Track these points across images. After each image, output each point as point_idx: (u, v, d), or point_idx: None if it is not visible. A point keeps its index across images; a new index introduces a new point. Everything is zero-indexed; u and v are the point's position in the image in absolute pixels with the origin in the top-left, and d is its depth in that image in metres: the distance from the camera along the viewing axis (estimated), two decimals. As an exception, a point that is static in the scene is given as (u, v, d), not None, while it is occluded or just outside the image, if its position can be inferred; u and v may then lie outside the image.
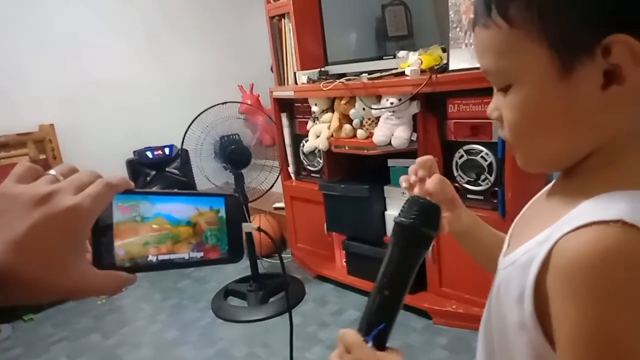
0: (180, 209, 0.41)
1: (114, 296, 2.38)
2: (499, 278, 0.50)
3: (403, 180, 0.65)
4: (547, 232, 0.41)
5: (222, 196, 0.43)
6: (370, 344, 0.48)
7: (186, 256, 0.41)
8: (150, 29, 3.13)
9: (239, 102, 2.20)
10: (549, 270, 0.39)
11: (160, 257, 0.40)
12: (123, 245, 0.39)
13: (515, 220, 0.57)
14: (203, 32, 3.35)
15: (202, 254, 0.42)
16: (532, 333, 0.42)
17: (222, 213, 0.42)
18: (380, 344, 0.48)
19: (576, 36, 0.38)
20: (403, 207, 0.51)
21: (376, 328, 0.49)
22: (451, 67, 1.69)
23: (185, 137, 2.09)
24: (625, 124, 0.41)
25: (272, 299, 2.24)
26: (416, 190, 0.63)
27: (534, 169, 0.49)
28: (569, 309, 0.37)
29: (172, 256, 0.41)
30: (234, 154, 2.17)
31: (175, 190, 0.42)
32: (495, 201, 1.70)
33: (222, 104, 2.13)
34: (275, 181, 2.31)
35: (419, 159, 0.64)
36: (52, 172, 0.37)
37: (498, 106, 0.47)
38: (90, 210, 0.35)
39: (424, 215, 0.50)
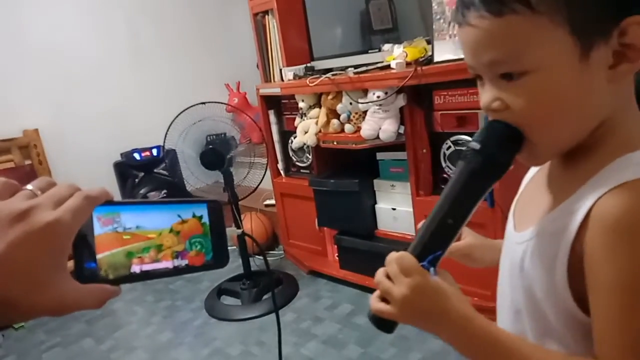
0: (162, 217, 0.40)
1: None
2: (517, 252, 0.52)
3: None
4: (569, 202, 0.45)
5: (204, 202, 0.42)
6: (432, 271, 0.48)
7: (170, 265, 0.41)
8: (132, 28, 3.09)
9: (218, 102, 2.17)
10: (589, 230, 0.42)
11: (144, 267, 0.40)
12: (105, 258, 0.39)
13: (517, 199, 0.60)
14: (187, 31, 3.31)
15: (186, 261, 0.41)
16: (561, 296, 0.46)
17: (205, 219, 0.42)
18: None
19: (597, 20, 0.41)
20: (479, 132, 0.49)
21: (433, 254, 0.48)
22: (436, 59, 1.69)
23: (170, 138, 2.08)
24: (625, 95, 0.46)
25: (265, 296, 2.24)
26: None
27: (548, 159, 0.52)
28: (612, 259, 0.41)
29: (156, 265, 0.40)
30: (205, 156, 2.14)
31: (156, 199, 0.41)
32: (483, 191, 1.71)
33: (202, 103, 2.11)
34: (262, 178, 2.29)
35: None
36: (29, 187, 0.36)
37: (498, 95, 0.46)
38: (71, 224, 0.35)
39: (501, 141, 0.47)
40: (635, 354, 0.41)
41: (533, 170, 0.60)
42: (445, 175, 1.78)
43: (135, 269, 0.40)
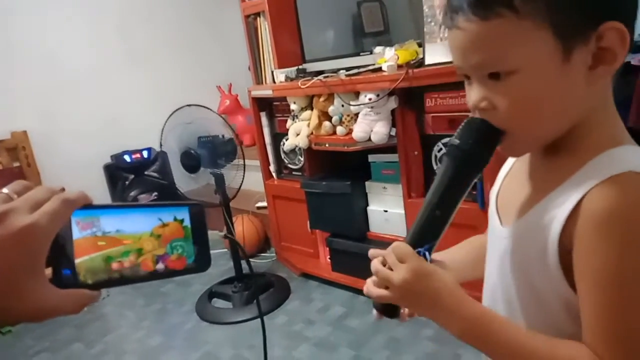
0: (142, 221, 0.40)
1: (95, 304, 2.31)
2: (507, 246, 0.54)
3: None
4: (555, 195, 0.48)
5: (185, 205, 0.42)
6: (427, 257, 0.52)
7: (151, 269, 0.40)
8: (124, 30, 3.07)
9: (200, 106, 2.15)
10: (580, 222, 0.44)
11: (124, 272, 0.39)
12: (84, 262, 0.38)
13: (497, 194, 0.62)
14: (178, 33, 3.29)
15: (167, 265, 0.41)
16: (557, 283, 0.48)
17: (187, 222, 0.42)
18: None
19: (578, 24, 0.44)
20: (459, 128, 0.52)
21: (428, 243, 0.52)
22: (427, 62, 1.70)
23: (162, 140, 2.06)
24: (602, 95, 0.49)
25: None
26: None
27: (528, 152, 0.55)
28: (597, 250, 0.43)
29: (136, 270, 0.40)
30: (184, 158, 2.12)
31: (137, 203, 0.41)
32: (474, 192, 1.72)
33: (188, 106, 2.10)
34: (243, 180, 2.26)
35: None
36: (4, 190, 0.35)
37: (486, 95, 0.48)
38: (47, 228, 0.34)
39: (480, 138, 0.50)
40: (620, 345, 0.43)
41: (509, 164, 0.63)
42: (436, 178, 1.79)
43: (115, 273, 0.39)
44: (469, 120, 0.51)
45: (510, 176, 0.61)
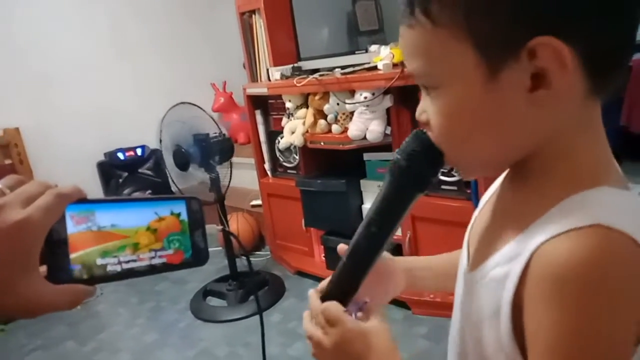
0: (138, 215, 0.40)
1: (89, 302, 2.29)
2: (468, 293, 0.49)
3: None
4: (514, 245, 0.41)
5: (182, 199, 0.42)
6: (354, 316, 0.50)
7: (147, 263, 0.40)
8: (117, 26, 3.05)
9: (194, 105, 2.14)
10: (527, 281, 0.38)
11: (120, 267, 0.39)
12: (79, 257, 0.38)
13: (470, 228, 0.56)
14: (172, 29, 3.28)
15: (164, 260, 0.40)
16: (507, 350, 0.41)
17: (184, 216, 0.41)
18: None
19: (502, 38, 0.37)
20: (405, 142, 0.47)
21: (361, 271, 0.50)
22: (422, 60, 1.70)
23: (156, 137, 2.06)
24: (561, 123, 0.40)
25: (251, 297, 2.23)
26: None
27: (474, 176, 0.51)
28: (548, 317, 0.36)
29: (133, 264, 0.39)
30: (176, 156, 2.13)
31: (133, 197, 0.41)
32: (468, 191, 1.72)
33: (182, 103, 2.09)
34: (230, 178, 2.25)
35: None
36: None
37: (425, 107, 0.44)
38: (41, 223, 0.34)
39: (421, 155, 0.45)
40: None
41: (493, 187, 0.55)
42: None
43: (111, 268, 0.39)
44: (414, 135, 0.47)
45: (487, 204, 0.54)
